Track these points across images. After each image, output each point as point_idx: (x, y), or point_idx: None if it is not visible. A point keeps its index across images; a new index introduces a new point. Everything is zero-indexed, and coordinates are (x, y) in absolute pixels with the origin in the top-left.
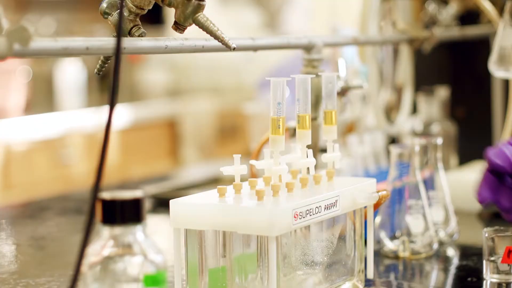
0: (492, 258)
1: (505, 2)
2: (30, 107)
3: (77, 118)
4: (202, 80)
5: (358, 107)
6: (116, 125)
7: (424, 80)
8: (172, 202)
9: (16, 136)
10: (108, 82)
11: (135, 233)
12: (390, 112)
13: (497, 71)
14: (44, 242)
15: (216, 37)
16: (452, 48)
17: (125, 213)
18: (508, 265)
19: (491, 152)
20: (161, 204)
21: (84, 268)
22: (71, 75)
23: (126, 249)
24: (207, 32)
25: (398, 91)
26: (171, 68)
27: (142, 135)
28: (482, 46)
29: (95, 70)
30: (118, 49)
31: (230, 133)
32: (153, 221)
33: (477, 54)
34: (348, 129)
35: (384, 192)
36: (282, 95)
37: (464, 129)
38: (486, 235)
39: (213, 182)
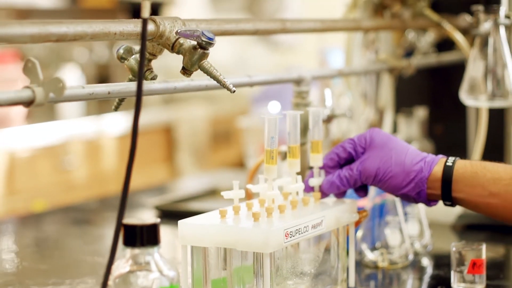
0: (459, 269)
1: (475, 36)
2: (32, 115)
3: (77, 125)
4: None
5: (344, 123)
6: (113, 131)
7: (404, 100)
8: (180, 223)
9: (19, 144)
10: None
11: (153, 254)
12: None
13: (467, 99)
14: (59, 252)
15: (218, 81)
16: (431, 71)
17: (144, 237)
18: (473, 275)
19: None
20: (164, 215)
21: (109, 281)
22: (71, 83)
23: (144, 266)
24: (210, 77)
25: (380, 112)
26: (166, 75)
27: (139, 141)
28: (458, 69)
29: (113, 107)
30: (139, 95)
31: (224, 138)
32: None
33: (454, 76)
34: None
35: (364, 212)
36: (275, 130)
37: (441, 144)
38: (454, 249)
39: (211, 193)
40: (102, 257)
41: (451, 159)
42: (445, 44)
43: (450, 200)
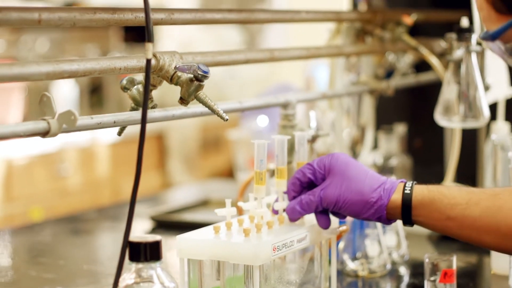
0: (432, 279)
1: (449, 61)
2: (26, 121)
3: (71, 134)
4: None
5: (330, 137)
6: (106, 139)
7: (385, 117)
8: (178, 238)
9: (16, 152)
10: (98, 98)
11: (155, 268)
12: (355, 146)
13: (442, 120)
14: (62, 261)
15: (212, 110)
16: (410, 89)
17: (147, 253)
18: (444, 284)
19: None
20: (159, 225)
21: None
22: (64, 91)
23: (147, 279)
24: (205, 106)
25: (362, 128)
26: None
27: (131, 148)
28: (436, 87)
29: (117, 133)
30: (143, 122)
31: (214, 146)
32: None
33: (432, 94)
34: None
35: (344, 227)
36: (264, 154)
37: (420, 158)
38: (427, 260)
39: (203, 204)
40: (103, 266)
41: (408, 185)
42: (423, 65)
43: (410, 223)
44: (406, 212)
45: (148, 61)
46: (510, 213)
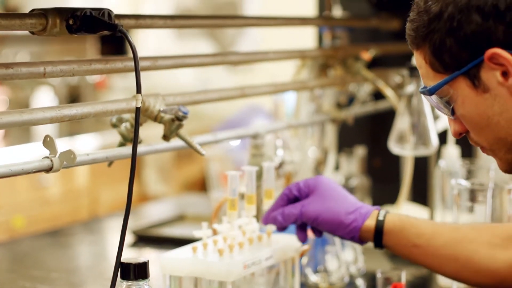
0: None
1: (401, 95)
2: (10, 137)
3: None
4: None
5: (296, 158)
6: (85, 151)
7: (346, 139)
8: (161, 257)
9: None
10: None
11: (143, 286)
12: (319, 167)
13: (395, 147)
14: (54, 274)
15: (191, 146)
16: (370, 114)
17: (136, 272)
18: None
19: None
20: (140, 239)
21: None
22: (44, 103)
23: None
24: (185, 142)
25: (325, 151)
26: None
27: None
28: (393, 113)
29: (107, 164)
30: (134, 156)
31: (187, 156)
32: (135, 255)
33: (389, 118)
34: (287, 178)
35: (306, 247)
36: (236, 183)
37: (379, 177)
38: (379, 275)
39: (179, 219)
40: (93, 279)
41: (382, 213)
42: (381, 93)
43: (381, 246)
44: (378, 237)
45: (138, 108)
46: (468, 246)
